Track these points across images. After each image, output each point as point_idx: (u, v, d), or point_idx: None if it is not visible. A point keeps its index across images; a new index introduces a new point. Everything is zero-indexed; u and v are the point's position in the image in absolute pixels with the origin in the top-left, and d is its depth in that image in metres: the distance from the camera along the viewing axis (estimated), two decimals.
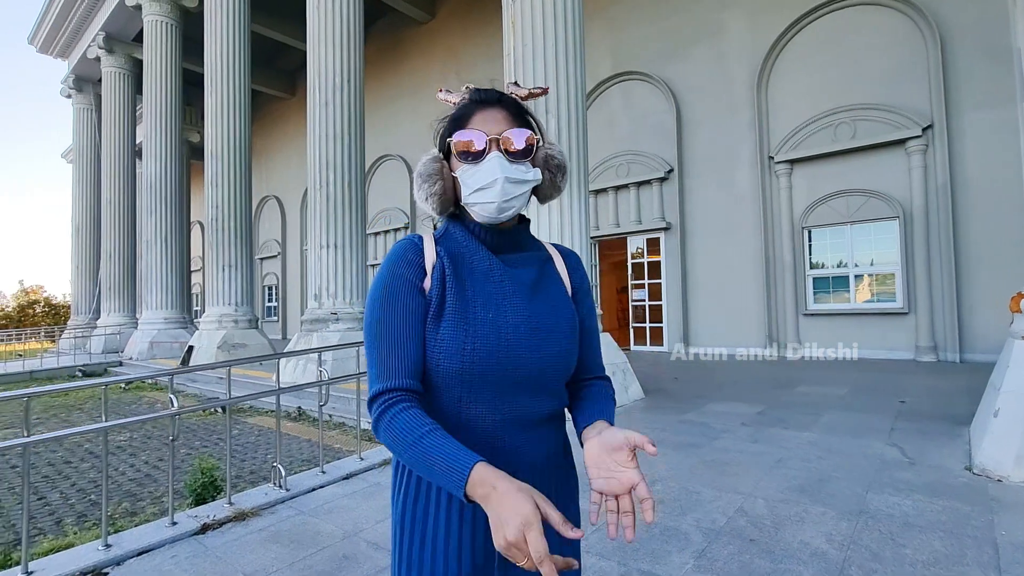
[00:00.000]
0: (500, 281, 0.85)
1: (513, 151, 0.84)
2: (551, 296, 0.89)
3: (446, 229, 0.91)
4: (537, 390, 0.84)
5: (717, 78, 9.21)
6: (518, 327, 0.82)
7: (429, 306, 0.82)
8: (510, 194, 0.82)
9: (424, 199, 0.87)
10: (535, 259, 0.91)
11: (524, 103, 0.90)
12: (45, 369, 11.86)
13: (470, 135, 0.84)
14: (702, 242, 9.41)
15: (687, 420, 4.33)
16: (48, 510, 3.55)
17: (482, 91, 0.88)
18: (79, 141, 17.96)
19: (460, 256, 0.86)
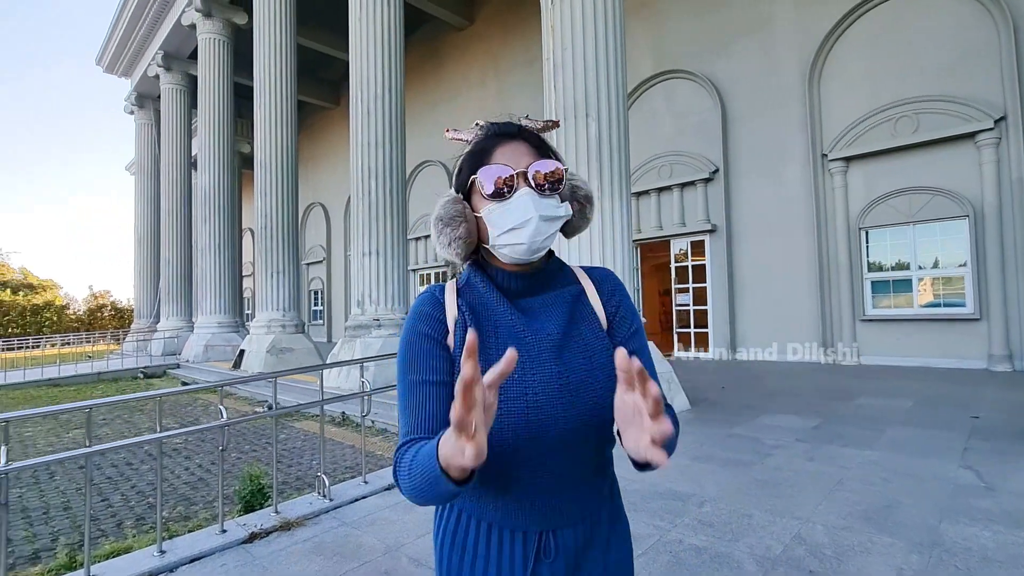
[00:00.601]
0: (524, 336, 0.79)
1: (543, 185, 0.78)
2: (584, 342, 0.81)
3: (467, 278, 0.85)
4: (575, 445, 0.78)
5: (765, 73, 8.86)
6: (548, 385, 0.76)
7: (454, 362, 0.78)
8: (543, 233, 0.77)
9: (447, 244, 0.80)
10: (564, 299, 0.84)
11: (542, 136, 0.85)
12: (111, 371, 12.58)
13: (496, 170, 0.77)
14: (750, 244, 9.06)
15: (736, 434, 4.15)
16: (110, 511, 3.72)
17: (500, 124, 0.83)
18: (140, 154, 19.04)
19: (482, 310, 0.81)
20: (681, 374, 5.71)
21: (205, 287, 13.45)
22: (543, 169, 0.78)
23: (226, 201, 13.59)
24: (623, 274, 5.06)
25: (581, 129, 5.06)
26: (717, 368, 8.35)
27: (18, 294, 34.26)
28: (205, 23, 13.31)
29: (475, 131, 0.85)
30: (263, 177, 10.63)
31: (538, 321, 0.81)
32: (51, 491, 4.26)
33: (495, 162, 0.79)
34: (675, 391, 5.10)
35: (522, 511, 0.78)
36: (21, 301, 33.82)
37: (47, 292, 36.25)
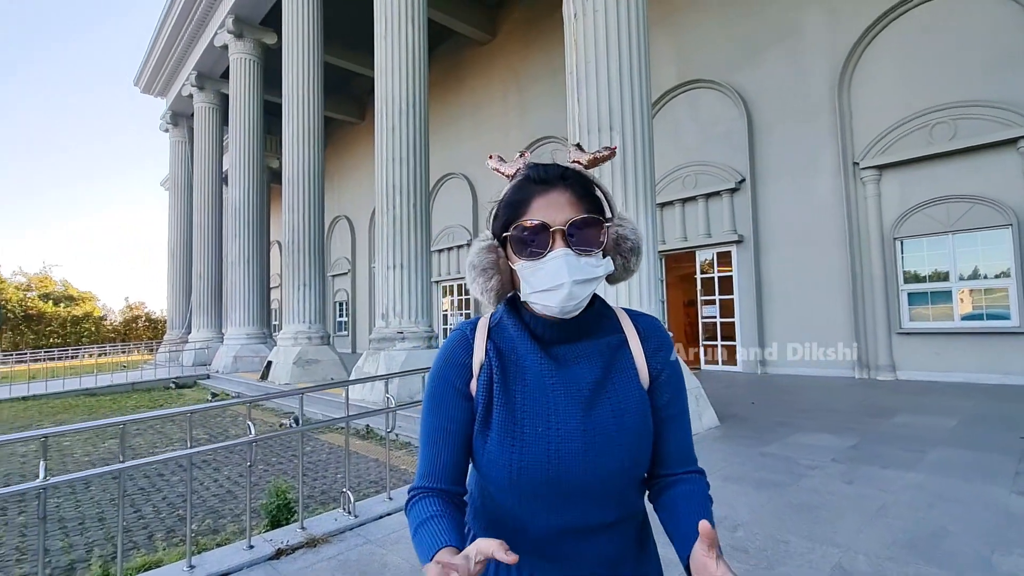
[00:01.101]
0: (553, 388, 0.75)
1: (580, 241, 0.73)
2: (616, 398, 0.76)
3: (500, 318, 0.82)
4: (596, 502, 0.75)
5: (792, 82, 8.71)
6: (571, 441, 0.73)
7: (475, 410, 0.78)
8: (577, 296, 0.73)
9: (480, 293, 0.78)
10: (602, 349, 0.79)
11: (589, 174, 0.79)
12: (144, 381, 12.93)
13: (531, 226, 0.73)
14: (779, 255, 8.86)
15: (769, 453, 4.02)
16: (142, 523, 3.79)
17: (541, 168, 0.77)
18: (174, 170, 19.69)
19: (511, 356, 0.78)
20: (709, 388, 5.58)
21: (234, 299, 13.76)
22: (581, 227, 0.73)
23: (255, 215, 13.93)
24: (649, 286, 4.99)
25: (605, 142, 5.03)
26: (746, 382, 8.15)
27: (59, 306, 35.61)
28: (237, 44, 13.76)
29: (519, 164, 0.79)
30: (291, 192, 10.86)
31: (570, 371, 0.77)
32: (87, 501, 4.36)
33: (531, 216, 0.73)
34: (703, 407, 4.98)
35: (538, 556, 0.77)
36: (62, 312, 35.13)
37: (86, 304, 37.59)
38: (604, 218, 0.77)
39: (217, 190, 17.25)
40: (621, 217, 0.80)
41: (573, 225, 0.73)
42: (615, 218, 0.79)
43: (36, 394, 11.24)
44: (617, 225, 0.79)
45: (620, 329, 0.82)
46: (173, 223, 19.45)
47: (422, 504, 0.76)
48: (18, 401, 10.80)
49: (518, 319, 0.81)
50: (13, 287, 34.46)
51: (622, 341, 0.81)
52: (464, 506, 0.82)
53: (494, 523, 0.80)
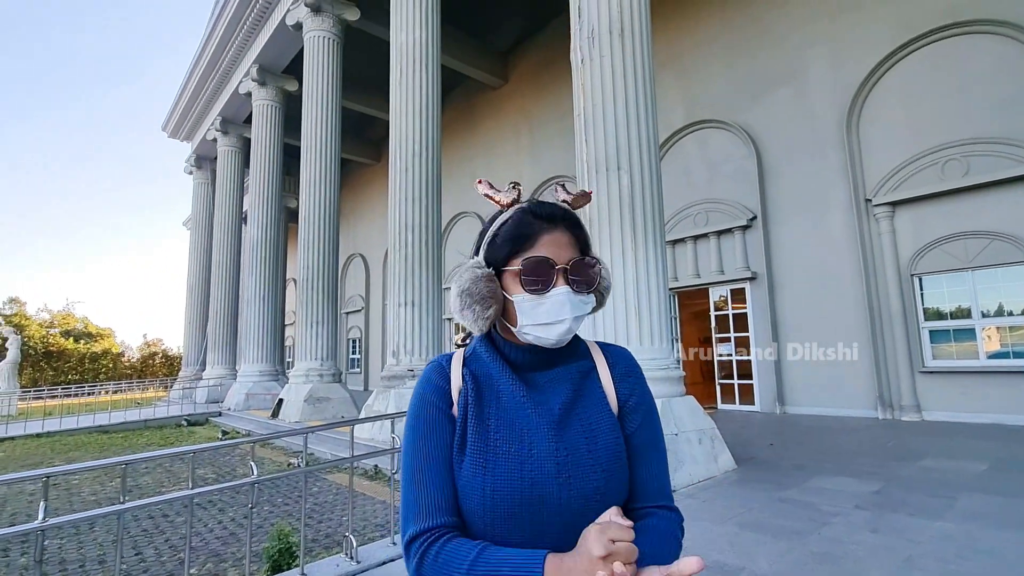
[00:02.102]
0: (525, 411, 0.77)
1: (580, 281, 0.78)
2: (587, 421, 0.78)
3: (474, 349, 0.85)
4: (572, 528, 0.72)
5: (801, 120, 8.80)
6: (543, 464, 0.73)
7: (456, 432, 0.78)
8: (573, 331, 0.79)
9: (472, 320, 0.78)
10: (571, 375, 0.82)
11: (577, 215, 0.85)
12: (157, 418, 12.94)
13: (540, 263, 0.76)
14: (793, 292, 8.75)
15: (788, 499, 3.85)
16: (143, 566, 3.71)
17: (548, 206, 0.81)
18: (196, 211, 20.29)
19: (486, 381, 0.80)
20: (726, 428, 5.42)
21: (249, 336, 13.88)
22: (580, 268, 0.79)
23: (272, 253, 14.21)
24: (660, 324, 4.94)
25: (613, 182, 5.09)
26: (764, 422, 7.91)
27: (79, 342, 36.22)
28: (260, 91, 14.37)
29: (513, 195, 0.82)
30: (307, 231, 11.09)
31: (542, 395, 0.79)
32: (89, 543, 4.30)
33: (539, 252, 0.77)
34: (719, 448, 4.82)
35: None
36: (81, 349, 35.68)
37: (105, 340, 38.18)
38: (596, 259, 0.82)
39: (236, 229, 17.69)
40: (592, 255, 0.84)
41: (575, 265, 0.78)
42: (591, 253, 0.84)
43: (50, 431, 11.30)
44: (591, 259, 0.83)
45: (589, 356, 0.86)
46: (193, 261, 19.90)
47: (453, 544, 0.70)
48: (32, 438, 10.86)
49: (492, 348, 0.83)
50: (37, 324, 35.22)
51: (591, 368, 0.84)
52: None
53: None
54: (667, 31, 10.48)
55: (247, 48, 14.72)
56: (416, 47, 8.31)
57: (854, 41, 8.27)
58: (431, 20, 8.50)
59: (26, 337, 30.98)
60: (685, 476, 4.31)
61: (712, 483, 4.37)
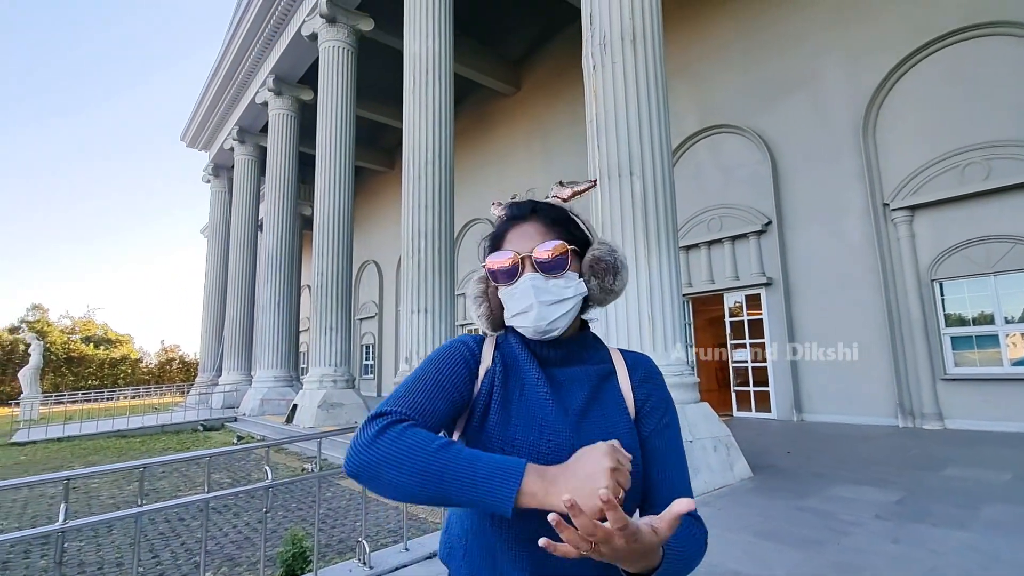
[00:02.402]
0: (545, 401, 0.78)
1: (546, 266, 0.79)
2: (604, 419, 0.79)
3: (506, 337, 0.87)
4: None
5: (816, 125, 8.72)
6: (559, 453, 0.72)
7: (470, 403, 0.80)
8: (548, 317, 0.78)
9: (476, 319, 0.86)
10: (591, 374, 0.82)
11: (565, 205, 0.86)
12: (174, 423, 13.11)
13: (500, 256, 0.81)
14: (810, 298, 8.64)
15: (806, 507, 3.78)
16: (159, 569, 3.75)
17: (515, 205, 0.86)
18: (213, 219, 20.62)
19: (513, 369, 0.82)
20: (742, 436, 5.35)
21: (264, 342, 14.03)
22: (543, 250, 0.79)
23: (287, 260, 14.39)
24: (673, 330, 4.90)
25: (626, 187, 5.08)
26: (781, 430, 7.79)
27: (99, 348, 36.88)
28: (276, 100, 14.61)
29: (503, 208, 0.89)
30: (321, 238, 11.21)
31: (562, 390, 0.80)
32: (108, 545, 4.36)
33: (505, 247, 0.82)
34: (735, 456, 4.76)
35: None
36: (101, 354, 36.33)
37: (124, 346, 38.84)
38: (570, 242, 0.81)
39: (252, 237, 17.94)
40: (600, 241, 0.85)
41: (537, 251, 0.79)
42: (594, 243, 0.84)
43: (71, 435, 11.50)
44: (593, 249, 0.83)
45: (609, 360, 0.85)
46: (210, 268, 20.20)
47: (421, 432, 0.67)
48: (53, 442, 11.06)
49: (520, 338, 0.85)
50: (58, 330, 35.95)
51: (610, 371, 0.84)
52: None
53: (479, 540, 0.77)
54: (680, 37, 10.47)
55: (264, 59, 14.98)
56: (429, 56, 8.39)
57: (869, 45, 8.19)
58: (444, 29, 8.58)
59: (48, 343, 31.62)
60: (700, 484, 4.25)
61: (728, 491, 4.31)
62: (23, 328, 33.64)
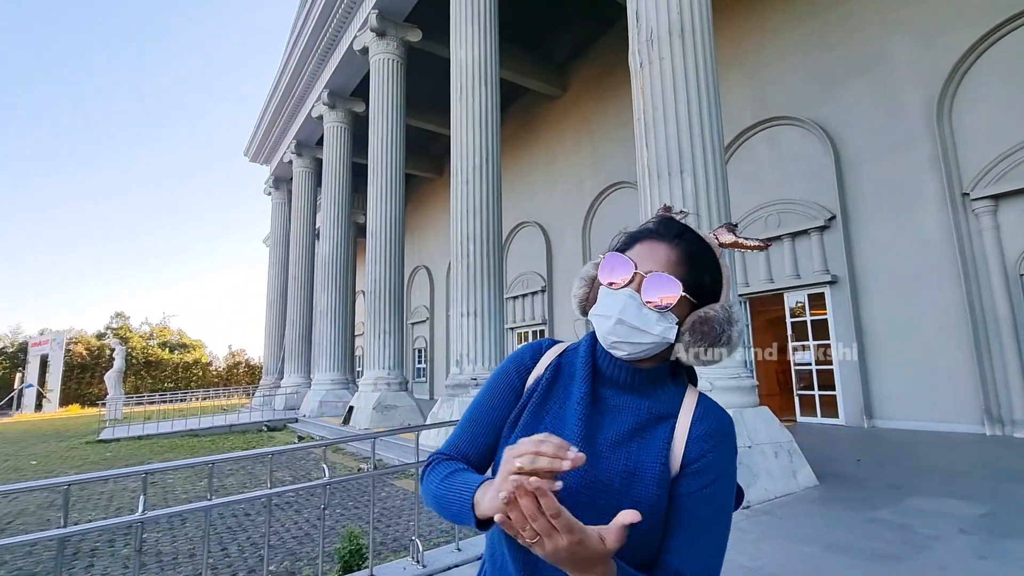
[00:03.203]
0: (580, 418, 0.75)
1: (649, 295, 0.72)
2: (637, 457, 0.72)
3: (578, 345, 0.86)
4: None
5: (883, 112, 8.21)
6: (572, 474, 0.65)
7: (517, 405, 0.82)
8: (621, 336, 0.73)
9: (572, 296, 0.84)
10: (645, 411, 0.75)
11: (719, 250, 0.79)
12: (240, 424, 13.82)
13: (618, 262, 0.76)
14: (880, 296, 8.11)
15: (880, 519, 3.54)
16: (227, 561, 3.95)
17: (665, 220, 0.79)
18: (274, 229, 21.67)
19: (566, 377, 0.81)
20: (806, 442, 5.08)
21: (321, 346, 14.60)
22: (658, 281, 0.72)
23: (342, 267, 14.93)
24: None
25: (676, 186, 4.95)
26: (849, 437, 7.35)
27: (174, 352, 39.46)
28: (330, 114, 15.22)
29: (659, 212, 0.86)
30: (374, 245, 11.55)
31: (607, 417, 0.76)
32: (181, 537, 4.63)
33: (629, 254, 0.76)
34: (797, 463, 4.52)
35: None
36: (175, 359, 38.86)
37: (196, 351, 41.39)
38: (694, 288, 0.74)
39: (310, 245, 18.73)
40: (726, 305, 0.75)
41: (653, 275, 0.73)
42: (720, 303, 0.75)
43: (149, 434, 12.33)
44: (711, 307, 0.74)
45: (678, 404, 0.77)
46: (271, 276, 21.23)
47: (444, 464, 0.78)
48: (134, 440, 11.90)
49: (590, 349, 0.82)
50: (138, 336, 38.75)
51: (670, 414, 0.76)
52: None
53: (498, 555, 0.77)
54: (731, 28, 10.13)
55: (319, 74, 15.63)
56: (475, 63, 8.50)
57: (943, 23, 7.63)
58: (489, 36, 8.67)
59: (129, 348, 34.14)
60: (760, 491, 4.06)
61: (791, 499, 4.10)
62: (108, 334, 36.50)
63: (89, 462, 9.24)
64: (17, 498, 6.15)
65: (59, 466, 8.94)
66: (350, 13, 13.11)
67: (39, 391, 28.55)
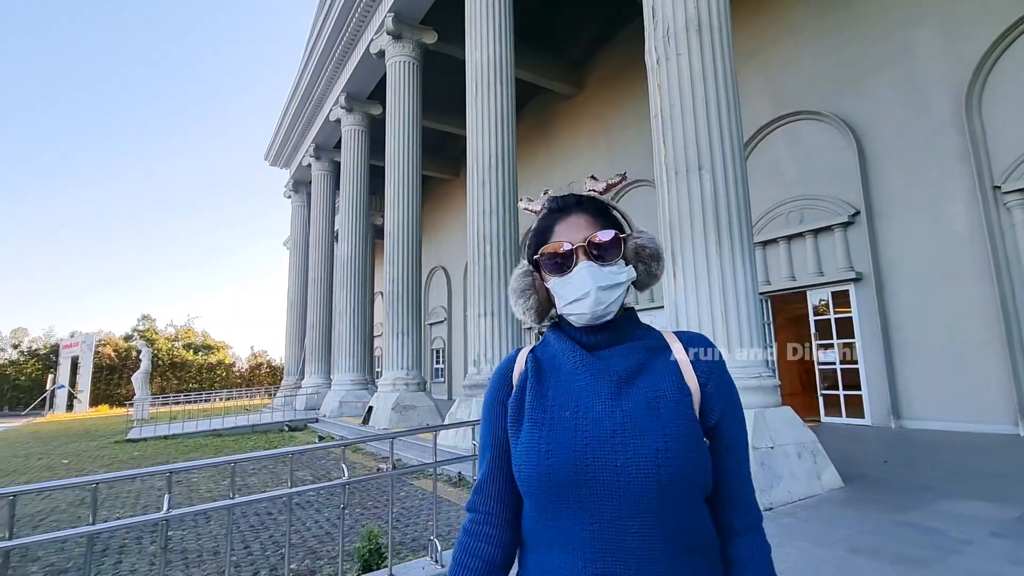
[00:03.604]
0: (584, 376, 0.77)
1: (600, 255, 0.80)
2: (651, 388, 0.75)
3: (546, 339, 0.88)
4: (628, 504, 0.68)
5: (909, 104, 8.00)
6: (599, 423, 0.72)
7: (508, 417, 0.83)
8: (604, 301, 0.79)
9: (521, 313, 0.86)
10: (638, 349, 0.80)
11: (604, 198, 0.88)
12: (263, 423, 14.05)
13: (554, 247, 0.82)
14: (907, 293, 7.91)
15: (909, 522, 3.44)
16: (250, 559, 4.01)
17: (559, 199, 0.88)
18: (294, 232, 21.98)
19: (549, 361, 0.83)
20: (830, 443, 4.97)
21: (341, 347, 14.75)
22: (600, 239, 0.81)
23: (360, 269, 15.07)
24: (749, 330, 4.64)
25: (694, 183, 4.88)
26: (876, 437, 7.17)
27: (198, 354, 40.28)
28: (348, 117, 15.38)
29: (543, 200, 0.91)
30: (391, 246, 11.65)
31: (604, 363, 0.79)
32: (206, 535, 4.72)
33: (554, 239, 0.83)
34: (822, 464, 4.43)
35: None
36: (200, 360, 39.66)
37: (219, 352, 42.19)
38: (620, 231, 0.84)
39: (329, 248, 18.96)
40: (639, 231, 0.86)
41: (591, 241, 0.81)
42: (633, 232, 0.86)
43: (174, 433, 12.61)
44: (635, 237, 0.85)
45: (662, 339, 0.84)
46: (292, 278, 21.54)
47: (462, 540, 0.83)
48: (161, 439, 12.17)
49: (561, 332, 0.86)
50: (164, 338, 39.64)
51: (663, 346, 0.82)
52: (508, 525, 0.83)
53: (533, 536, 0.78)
54: (749, 22, 9.98)
55: (336, 79, 15.81)
56: (491, 64, 8.51)
57: (970, 11, 7.41)
58: (505, 37, 8.67)
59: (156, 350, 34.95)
60: (783, 493, 3.99)
61: (815, 501, 4.02)
62: (135, 336, 37.41)
63: (118, 461, 9.48)
64: (50, 496, 6.33)
65: (89, 465, 9.19)
66: (366, 17, 13.24)
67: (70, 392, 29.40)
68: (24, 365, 33.30)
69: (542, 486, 0.72)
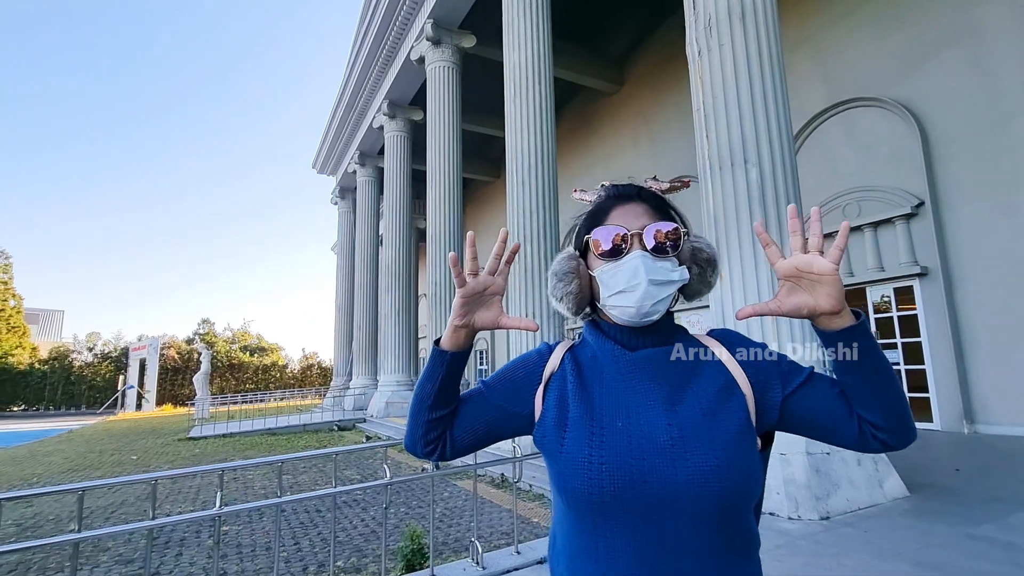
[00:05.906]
0: (633, 383, 0.73)
1: (657, 247, 0.75)
2: (704, 398, 0.72)
3: (583, 338, 0.84)
4: (688, 517, 0.66)
5: (978, 86, 7.45)
6: (653, 436, 0.68)
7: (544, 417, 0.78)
8: (654, 297, 0.74)
9: (559, 299, 0.80)
10: (685, 352, 0.77)
11: (665, 196, 0.83)
12: (313, 423, 14.52)
13: (609, 230, 0.77)
14: (980, 289, 7.35)
15: (982, 536, 3.18)
16: (299, 555, 4.13)
17: (620, 186, 0.84)
18: (341, 237, 22.65)
19: (589, 362, 0.79)
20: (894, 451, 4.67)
21: (387, 349, 15.08)
22: (659, 229, 0.76)
23: (404, 271, 15.37)
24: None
25: (739, 177, 4.70)
26: (945, 443, 6.70)
27: (253, 356, 42.10)
28: (390, 123, 15.73)
29: (599, 192, 0.86)
30: (434, 249, 11.81)
31: (652, 370, 0.75)
32: (259, 530, 4.90)
33: (611, 222, 0.79)
34: (884, 471, 4.16)
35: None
36: (255, 362, 41.43)
37: (273, 354, 43.94)
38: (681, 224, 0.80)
39: (374, 251, 19.43)
40: (696, 235, 0.82)
41: (650, 229, 0.76)
42: (691, 235, 0.82)
43: (232, 432, 13.21)
44: (693, 240, 0.80)
45: (699, 341, 0.80)
46: (340, 282, 22.20)
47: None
48: (219, 438, 12.77)
49: (599, 332, 0.81)
50: (222, 341, 41.65)
51: (705, 349, 0.78)
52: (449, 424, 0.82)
53: (579, 553, 0.72)
54: (797, 8, 9.56)
55: (379, 87, 16.20)
56: (529, 64, 8.49)
57: None
58: (543, 36, 8.64)
59: (215, 352, 36.76)
60: (841, 501, 3.77)
61: (877, 511, 3.78)
62: (196, 339, 39.48)
63: (180, 457, 10.01)
64: (120, 490, 6.75)
65: (155, 461, 9.75)
66: (407, 25, 13.49)
67: (139, 392, 31.31)
68: (98, 367, 35.68)
69: (593, 501, 0.69)
